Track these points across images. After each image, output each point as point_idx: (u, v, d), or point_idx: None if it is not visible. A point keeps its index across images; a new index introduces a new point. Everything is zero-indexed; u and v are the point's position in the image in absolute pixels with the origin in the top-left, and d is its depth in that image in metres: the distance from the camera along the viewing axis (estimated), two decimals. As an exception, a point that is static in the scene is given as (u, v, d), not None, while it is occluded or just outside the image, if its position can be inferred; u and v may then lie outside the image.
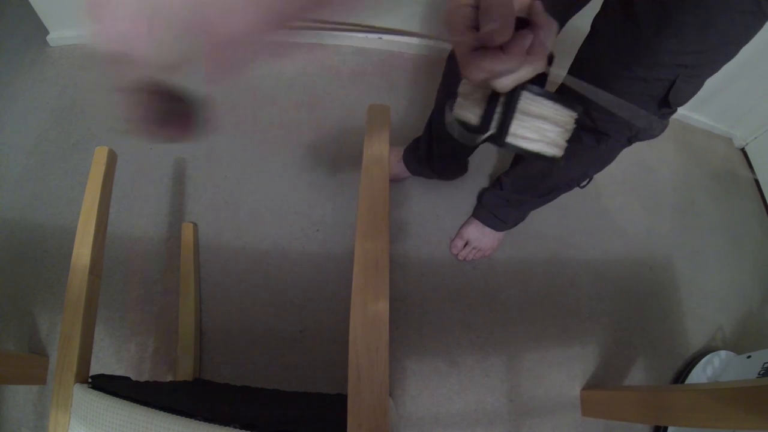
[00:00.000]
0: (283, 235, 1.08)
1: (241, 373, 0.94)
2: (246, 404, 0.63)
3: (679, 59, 0.55)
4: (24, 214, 1.08)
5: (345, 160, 1.18)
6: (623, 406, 0.88)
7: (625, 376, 1.03)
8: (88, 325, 0.50)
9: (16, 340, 0.95)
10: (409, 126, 1.24)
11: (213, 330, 0.97)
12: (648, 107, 0.61)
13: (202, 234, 1.07)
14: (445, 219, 1.13)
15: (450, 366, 0.98)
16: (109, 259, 1.02)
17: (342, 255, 1.06)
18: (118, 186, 0.72)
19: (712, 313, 1.13)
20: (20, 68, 1.30)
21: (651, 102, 0.61)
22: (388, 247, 0.43)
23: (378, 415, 0.37)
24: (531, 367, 1.00)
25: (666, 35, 0.53)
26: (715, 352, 1.03)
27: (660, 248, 1.20)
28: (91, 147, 0.60)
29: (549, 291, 1.08)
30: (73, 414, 0.45)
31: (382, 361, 0.38)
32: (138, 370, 0.93)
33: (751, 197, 1.37)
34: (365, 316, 0.39)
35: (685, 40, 0.53)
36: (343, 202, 1.12)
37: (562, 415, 0.96)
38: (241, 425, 0.41)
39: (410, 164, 1.10)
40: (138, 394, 0.46)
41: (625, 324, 1.08)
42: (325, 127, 1.23)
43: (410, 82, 1.33)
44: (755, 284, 1.20)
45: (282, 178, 1.15)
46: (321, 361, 0.95)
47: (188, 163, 1.16)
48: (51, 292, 1.00)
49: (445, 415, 0.93)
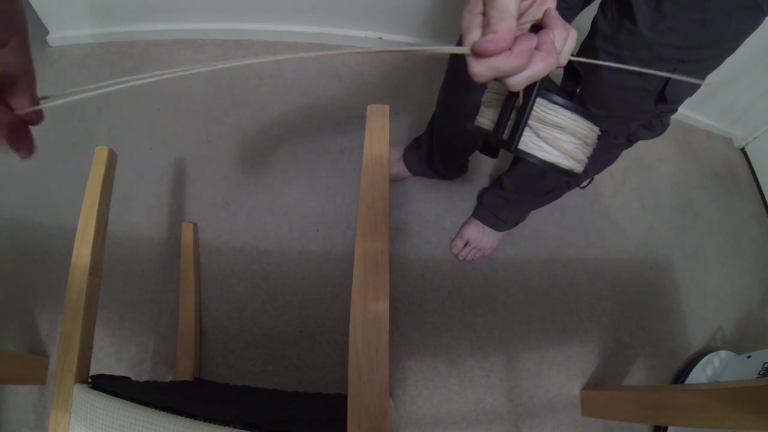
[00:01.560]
0: (283, 235, 1.08)
1: (241, 373, 0.94)
2: (246, 404, 0.63)
3: (675, 54, 0.55)
4: (24, 214, 1.08)
5: (345, 160, 1.18)
6: (623, 405, 0.88)
7: (625, 376, 1.03)
8: (88, 325, 0.50)
9: (16, 340, 0.95)
10: (409, 126, 1.24)
11: (213, 330, 0.97)
12: (645, 103, 0.61)
13: (202, 234, 1.07)
14: (445, 219, 1.13)
15: (450, 366, 0.98)
16: (109, 259, 1.02)
17: (342, 255, 1.06)
18: (118, 186, 0.72)
19: (712, 313, 1.13)
20: (20, 68, 1.30)
21: (648, 97, 0.61)
22: (388, 247, 0.43)
23: (378, 415, 0.37)
24: (531, 366, 1.00)
25: (662, 29, 0.53)
26: (715, 352, 1.03)
27: (660, 248, 1.20)
28: (91, 147, 0.60)
29: (549, 291, 1.08)
30: (73, 414, 0.45)
31: (382, 361, 0.38)
32: (138, 370, 0.93)
33: (751, 197, 1.37)
34: (365, 316, 0.39)
35: (682, 35, 0.53)
36: (343, 202, 1.13)
37: (562, 414, 0.96)
38: (241, 425, 0.41)
39: (411, 164, 1.10)
40: (138, 394, 0.46)
41: (625, 324, 1.08)
42: (325, 127, 1.23)
43: (410, 82, 1.33)
44: (755, 284, 1.20)
45: (282, 178, 1.15)
46: (321, 361, 0.95)
47: (188, 163, 1.16)
48: (51, 292, 1.00)
49: (445, 415, 0.93)
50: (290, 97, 1.27)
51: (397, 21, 1.30)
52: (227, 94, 1.27)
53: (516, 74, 0.29)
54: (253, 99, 1.26)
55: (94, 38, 1.34)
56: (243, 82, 1.29)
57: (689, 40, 0.53)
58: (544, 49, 0.29)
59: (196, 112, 1.24)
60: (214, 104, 1.25)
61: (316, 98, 1.28)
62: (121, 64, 1.31)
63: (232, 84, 1.29)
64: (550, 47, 0.29)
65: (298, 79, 1.30)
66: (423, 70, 1.35)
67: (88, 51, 1.34)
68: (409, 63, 1.36)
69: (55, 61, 1.31)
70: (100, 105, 1.24)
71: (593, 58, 0.66)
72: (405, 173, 1.13)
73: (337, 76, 1.32)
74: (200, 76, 1.30)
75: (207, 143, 1.19)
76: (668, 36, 0.53)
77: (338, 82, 1.31)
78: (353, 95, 1.29)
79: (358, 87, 1.31)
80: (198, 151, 1.18)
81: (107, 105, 1.24)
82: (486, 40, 0.27)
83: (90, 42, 1.34)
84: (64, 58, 1.32)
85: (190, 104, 1.25)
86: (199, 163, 1.16)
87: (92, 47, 1.34)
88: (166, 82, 1.39)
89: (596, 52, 0.64)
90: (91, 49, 1.34)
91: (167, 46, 1.35)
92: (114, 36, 1.34)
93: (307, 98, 1.27)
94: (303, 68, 1.33)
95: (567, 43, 0.31)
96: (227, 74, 1.30)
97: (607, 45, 0.61)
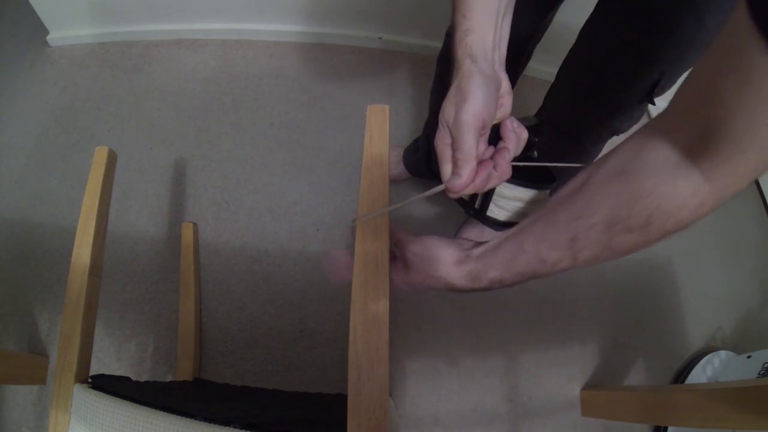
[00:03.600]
0: (283, 235, 1.08)
1: (241, 373, 0.94)
2: (246, 404, 0.63)
3: (665, 57, 0.55)
4: (24, 214, 1.08)
5: (345, 161, 1.18)
6: (623, 406, 0.88)
7: (624, 376, 1.03)
8: (88, 325, 0.50)
9: (16, 340, 0.95)
10: (409, 126, 1.24)
11: (213, 330, 0.97)
12: (630, 102, 0.64)
13: (202, 234, 1.07)
14: (445, 219, 1.13)
15: (450, 366, 0.98)
16: (109, 259, 1.02)
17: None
18: (118, 186, 0.72)
19: (711, 313, 1.13)
20: (20, 68, 1.30)
21: (633, 97, 0.62)
22: (389, 247, 0.43)
23: (378, 415, 0.37)
24: (531, 367, 1.00)
25: (653, 33, 0.54)
26: (715, 352, 1.03)
27: (660, 248, 1.19)
28: (91, 147, 0.60)
29: (548, 291, 1.08)
30: (73, 414, 0.45)
31: (382, 361, 0.38)
32: (138, 370, 0.93)
33: (751, 197, 1.37)
34: (365, 316, 0.39)
35: (673, 39, 0.53)
36: (343, 202, 1.12)
37: (562, 415, 0.96)
38: (241, 425, 0.41)
39: (410, 165, 1.10)
40: (138, 394, 0.46)
41: (625, 324, 1.08)
42: (325, 127, 1.23)
43: (410, 82, 1.33)
44: (755, 284, 1.20)
45: (282, 178, 1.15)
46: (321, 361, 0.95)
47: (188, 163, 1.16)
48: (51, 292, 1.00)
49: (445, 415, 0.93)
50: (290, 97, 1.27)
51: (397, 21, 1.30)
52: (227, 93, 1.27)
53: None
54: (253, 99, 1.26)
55: (94, 38, 1.34)
56: (243, 81, 1.29)
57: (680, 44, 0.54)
58: (499, 171, 0.39)
59: (196, 112, 1.24)
60: (214, 104, 1.25)
61: (316, 98, 1.28)
62: (121, 64, 1.31)
63: (232, 84, 1.29)
64: (504, 169, 0.39)
65: (298, 79, 1.30)
66: (423, 71, 1.35)
67: (88, 51, 1.34)
68: (410, 63, 1.36)
69: (55, 61, 1.31)
70: (100, 105, 1.24)
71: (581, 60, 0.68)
72: (405, 175, 1.13)
73: (337, 75, 1.32)
74: (200, 76, 1.30)
75: (207, 143, 1.19)
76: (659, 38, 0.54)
77: (338, 82, 1.31)
78: (353, 95, 1.29)
79: (358, 87, 1.31)
80: (198, 151, 1.18)
81: (107, 105, 1.24)
82: (454, 184, 0.38)
83: (90, 42, 1.34)
84: (64, 58, 1.32)
85: (190, 104, 1.25)
86: (199, 163, 1.16)
87: (92, 47, 1.34)
88: (166, 82, 1.39)
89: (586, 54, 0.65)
90: (91, 49, 1.34)
91: (167, 46, 1.35)
92: (114, 36, 1.34)
93: (307, 98, 1.27)
94: (303, 68, 1.33)
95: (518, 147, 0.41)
96: (227, 74, 1.30)
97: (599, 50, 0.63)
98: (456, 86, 0.38)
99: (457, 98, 0.37)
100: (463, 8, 0.39)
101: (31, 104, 1.24)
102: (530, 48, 0.76)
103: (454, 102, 0.37)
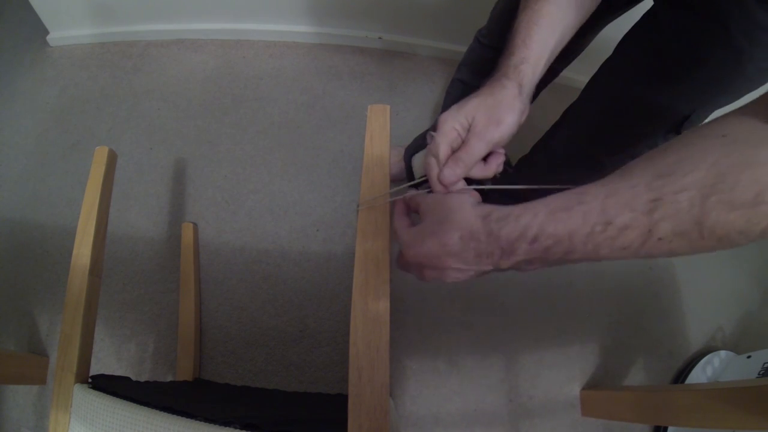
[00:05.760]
0: (283, 235, 1.08)
1: (241, 373, 0.94)
2: (246, 404, 0.63)
3: (700, 97, 0.55)
4: (24, 214, 1.08)
5: (345, 161, 1.18)
6: (623, 406, 0.88)
7: (624, 376, 1.03)
8: (88, 325, 0.50)
9: (16, 340, 0.95)
10: (409, 126, 1.24)
11: (213, 330, 0.97)
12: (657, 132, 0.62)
13: (202, 234, 1.07)
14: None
15: (450, 366, 0.98)
16: (109, 259, 1.02)
17: (342, 255, 1.06)
18: (118, 186, 0.72)
19: (711, 313, 1.13)
20: (20, 68, 1.30)
21: (661, 129, 0.60)
22: (389, 247, 0.43)
23: (378, 415, 0.37)
24: (530, 367, 1.00)
25: (692, 71, 0.53)
26: (715, 352, 1.03)
27: (660, 248, 1.20)
28: (91, 147, 0.60)
29: (548, 291, 1.08)
30: (73, 414, 0.45)
31: (382, 361, 0.38)
32: (138, 370, 0.93)
33: (751, 197, 1.37)
34: (366, 315, 0.39)
35: (712, 82, 0.53)
36: (343, 202, 1.12)
37: (562, 415, 0.96)
38: (241, 425, 0.41)
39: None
40: (138, 394, 0.46)
41: (625, 324, 1.08)
42: (325, 127, 1.23)
43: (410, 82, 1.33)
44: (755, 284, 1.20)
45: (282, 178, 1.15)
46: (321, 360, 0.95)
47: (188, 163, 1.16)
48: (51, 292, 1.00)
49: (445, 415, 0.93)
50: (290, 97, 1.27)
51: (397, 21, 1.30)
52: (227, 93, 1.27)
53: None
54: (253, 98, 1.26)
55: (94, 38, 1.34)
56: (243, 81, 1.29)
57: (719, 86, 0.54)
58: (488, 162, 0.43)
59: (196, 112, 1.24)
60: (214, 104, 1.25)
61: (316, 98, 1.28)
62: (120, 64, 1.31)
63: (232, 83, 1.29)
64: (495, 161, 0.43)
65: (298, 79, 1.30)
66: (424, 71, 1.35)
67: (88, 51, 1.34)
68: (410, 63, 1.36)
69: (55, 61, 1.31)
70: (100, 105, 1.24)
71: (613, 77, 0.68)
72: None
73: (337, 75, 1.32)
74: (200, 76, 1.30)
75: (207, 143, 1.19)
76: (696, 79, 0.53)
77: (338, 82, 1.31)
78: (353, 95, 1.29)
79: (359, 87, 1.31)
80: (198, 151, 1.18)
81: (107, 105, 1.24)
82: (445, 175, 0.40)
83: (90, 42, 1.34)
84: (64, 58, 1.32)
85: (190, 104, 1.25)
86: (199, 163, 1.16)
87: (92, 47, 1.34)
88: (166, 82, 1.38)
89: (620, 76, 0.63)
90: (91, 49, 1.34)
91: (167, 46, 1.35)
92: (114, 36, 1.34)
93: (307, 98, 1.27)
94: (303, 68, 1.33)
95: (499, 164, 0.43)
96: (227, 74, 1.30)
97: (637, 75, 0.60)
98: (494, 102, 0.41)
99: (492, 114, 0.40)
100: (525, 36, 0.42)
101: (31, 104, 1.24)
102: (561, 71, 0.78)
103: (486, 114, 0.40)
